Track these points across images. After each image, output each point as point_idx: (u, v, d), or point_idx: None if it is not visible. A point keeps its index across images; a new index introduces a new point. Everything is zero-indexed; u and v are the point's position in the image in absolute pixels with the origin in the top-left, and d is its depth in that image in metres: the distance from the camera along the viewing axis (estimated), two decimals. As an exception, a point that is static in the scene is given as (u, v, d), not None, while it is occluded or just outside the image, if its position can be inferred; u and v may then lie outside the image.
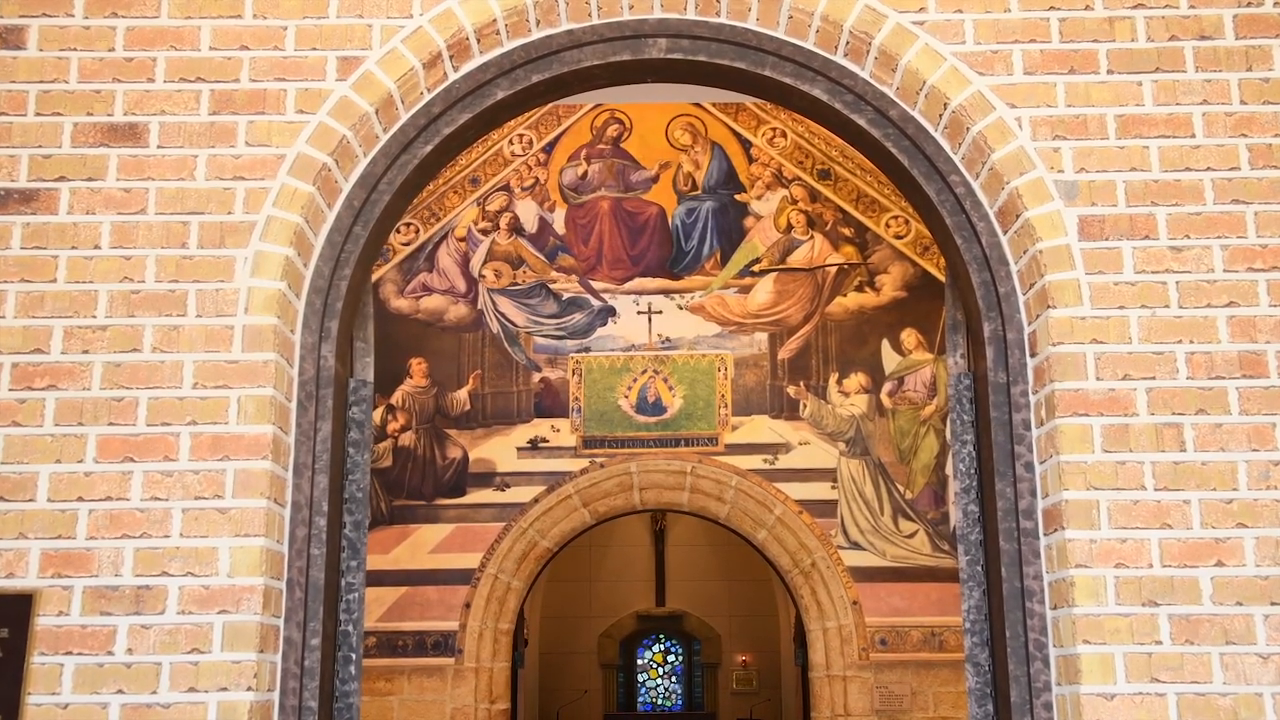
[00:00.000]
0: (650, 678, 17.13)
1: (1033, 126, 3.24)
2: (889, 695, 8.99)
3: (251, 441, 3.02)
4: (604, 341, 9.58)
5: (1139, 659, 2.90)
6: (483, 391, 9.53)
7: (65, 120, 3.21)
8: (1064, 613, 2.99)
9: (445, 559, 9.22)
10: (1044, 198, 3.19)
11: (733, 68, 3.48)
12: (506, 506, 9.33)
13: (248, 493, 2.99)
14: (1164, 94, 3.24)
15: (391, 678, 9.02)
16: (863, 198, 9.74)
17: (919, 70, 3.30)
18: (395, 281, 9.65)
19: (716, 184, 9.81)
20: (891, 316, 9.58)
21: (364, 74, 3.29)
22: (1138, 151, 3.21)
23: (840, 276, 9.64)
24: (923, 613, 9.14)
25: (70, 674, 2.87)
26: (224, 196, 3.18)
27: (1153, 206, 3.17)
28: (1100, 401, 3.05)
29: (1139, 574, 2.95)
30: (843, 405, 9.46)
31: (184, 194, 3.18)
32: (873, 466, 9.39)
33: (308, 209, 3.21)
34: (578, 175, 9.86)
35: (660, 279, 9.66)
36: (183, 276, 3.12)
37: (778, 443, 9.43)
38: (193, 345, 3.07)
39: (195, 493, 2.98)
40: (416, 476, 9.40)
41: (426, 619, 9.12)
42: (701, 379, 9.53)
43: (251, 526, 2.97)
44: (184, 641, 2.90)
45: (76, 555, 2.94)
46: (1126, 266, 3.13)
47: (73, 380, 3.04)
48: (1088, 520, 2.98)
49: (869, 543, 9.27)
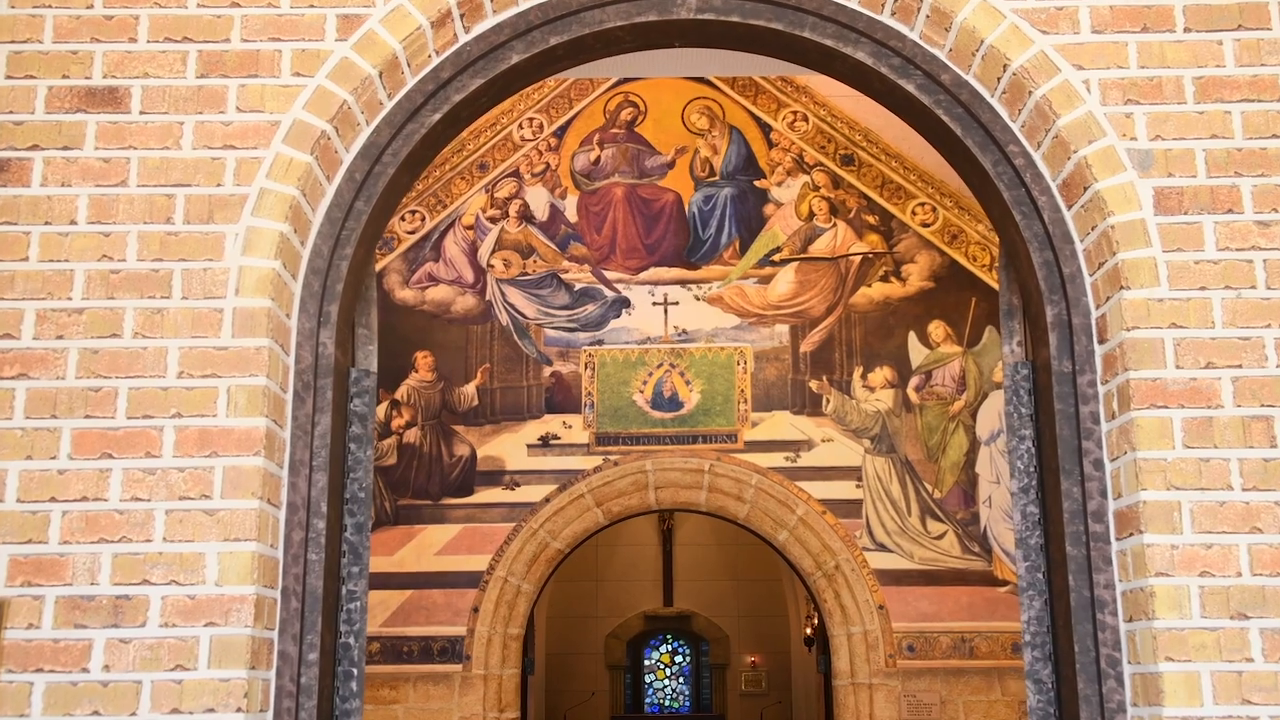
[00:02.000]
0: (658, 679, 17.25)
1: (1102, 90, 2.97)
2: (917, 704, 8.73)
3: (242, 436, 2.78)
4: (618, 334, 9.37)
5: (1228, 678, 2.63)
6: (491, 386, 9.31)
7: (39, 84, 2.97)
8: (1142, 626, 2.71)
9: (452, 561, 9.00)
10: (1115, 168, 2.92)
11: (768, 29, 3.21)
12: (516, 506, 9.10)
13: (238, 492, 2.74)
14: (1247, 54, 2.98)
15: (396, 685, 8.80)
16: (888, 184, 9.51)
17: (975, 29, 3.03)
18: (400, 271, 9.45)
19: (735, 170, 9.59)
20: (918, 308, 9.35)
21: (366, 33, 3.04)
22: (1219, 117, 2.94)
23: (864, 266, 9.41)
24: (952, 618, 8.87)
25: (41, 693, 2.63)
26: (213, 167, 2.93)
27: (1236, 177, 2.90)
28: (1180, 392, 2.78)
29: (1226, 583, 2.68)
30: (867, 400, 9.23)
31: (169, 164, 2.93)
32: (899, 464, 9.14)
33: (305, 181, 2.96)
34: (590, 160, 9.66)
35: (676, 269, 9.45)
36: (167, 255, 2.88)
37: (800, 440, 9.18)
38: (178, 330, 2.83)
39: (180, 492, 2.74)
40: (422, 475, 9.18)
41: (433, 624, 8.89)
42: (720, 373, 9.29)
43: (242, 530, 2.72)
44: (167, 657, 2.65)
45: (48, 562, 2.70)
46: (1208, 243, 2.87)
47: (46, 368, 2.80)
48: (1168, 523, 2.71)
49: (895, 544, 9.01)
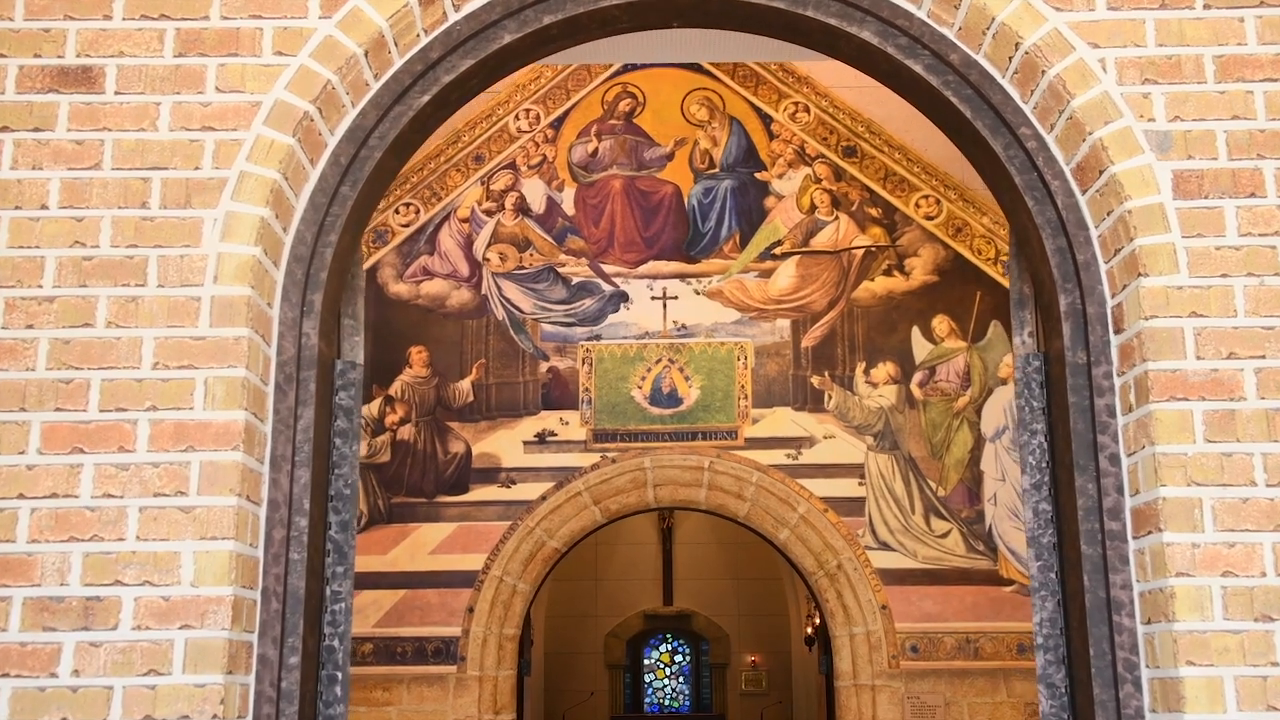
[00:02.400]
0: (657, 678, 17.20)
1: (1119, 69, 2.84)
2: (921, 706, 8.58)
3: (220, 430, 2.65)
4: (616, 329, 9.23)
5: (1253, 684, 2.51)
6: (487, 382, 9.18)
7: (9, 62, 2.84)
8: (1161, 628, 2.59)
9: (447, 560, 8.85)
10: (1133, 150, 2.79)
11: (770, 8, 3.09)
12: (512, 504, 8.95)
13: (216, 489, 2.62)
14: (1269, 31, 2.85)
15: (389, 687, 8.66)
16: (891, 176, 9.38)
17: (986, 6, 2.91)
18: (394, 265, 9.32)
19: (735, 162, 9.46)
20: (922, 302, 9.22)
21: (351, 10, 2.91)
22: (1240, 97, 2.81)
23: (867, 260, 9.28)
24: (957, 618, 8.72)
25: (6, 699, 2.50)
26: (190, 149, 2.81)
27: (1259, 160, 2.77)
28: (1201, 384, 2.66)
29: (1250, 584, 2.56)
30: (870, 396, 9.10)
31: (145, 146, 2.80)
32: (903, 462, 9.01)
33: (287, 164, 2.83)
34: (588, 152, 9.53)
35: (676, 262, 9.32)
36: (142, 241, 2.75)
37: (801, 436, 9.04)
38: (153, 319, 2.70)
39: (155, 489, 2.61)
40: (416, 472, 9.04)
41: (427, 624, 8.74)
42: (720, 369, 9.16)
43: (220, 528, 2.60)
44: (140, 661, 2.53)
45: (16, 561, 2.57)
46: (1229, 228, 2.74)
47: (14, 359, 2.67)
48: (1189, 521, 2.59)
49: (899, 543, 8.88)
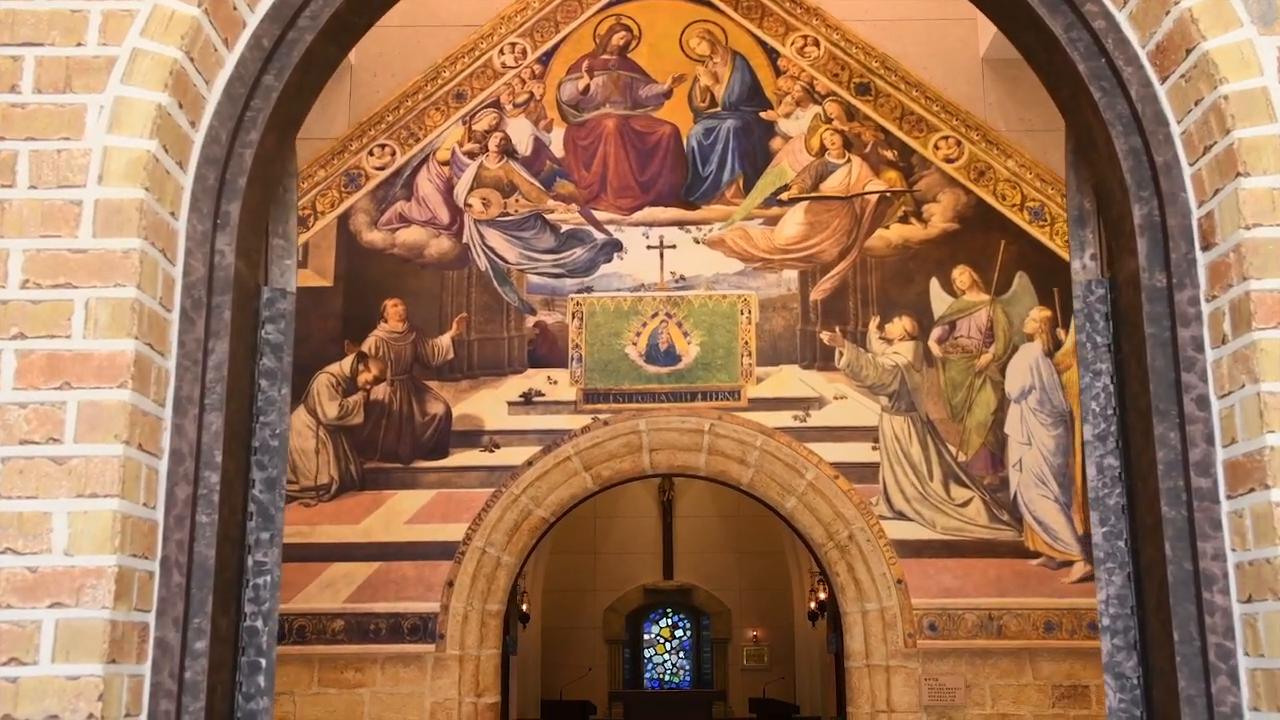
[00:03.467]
0: (657, 653, 17.18)
1: (1211, -77, 2.33)
2: (939, 688, 8.13)
3: (103, 362, 2.17)
4: (609, 280, 8.86)
5: (1385, 678, 2.03)
6: (468, 338, 8.79)
7: None
8: (1266, 608, 2.12)
9: (424, 530, 8.46)
10: (1230, 22, 2.30)
11: None
12: (496, 470, 8.57)
13: (96, 435, 2.14)
14: (1398, -124, 2.33)
15: (362, 667, 8.25)
16: (908, 115, 8.95)
17: None
18: (368, 211, 8.94)
19: (738, 100, 9.09)
20: (941, 252, 8.81)
21: None
22: (1362, -43, 2.30)
23: (882, 205, 8.87)
24: (978, 593, 8.29)
25: None
26: (71, 21, 2.33)
27: (1386, 33, 2.27)
28: (1316, 308, 2.17)
29: (1380, 554, 2.07)
30: (885, 354, 8.68)
31: (15, 18, 2.32)
32: (920, 424, 8.58)
33: (192, 42, 2.34)
34: (578, 90, 9.17)
35: (674, 209, 8.95)
36: (10, 132, 2.28)
37: (809, 397, 8.65)
38: (22, 227, 2.23)
39: (20, 435, 2.15)
40: (391, 435, 8.65)
41: (402, 599, 8.34)
42: (721, 324, 8.77)
43: (101, 483, 2.13)
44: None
45: None
46: (1350, 116, 2.24)
47: None
48: (1301, 476, 2.10)
49: (916, 512, 8.44)
